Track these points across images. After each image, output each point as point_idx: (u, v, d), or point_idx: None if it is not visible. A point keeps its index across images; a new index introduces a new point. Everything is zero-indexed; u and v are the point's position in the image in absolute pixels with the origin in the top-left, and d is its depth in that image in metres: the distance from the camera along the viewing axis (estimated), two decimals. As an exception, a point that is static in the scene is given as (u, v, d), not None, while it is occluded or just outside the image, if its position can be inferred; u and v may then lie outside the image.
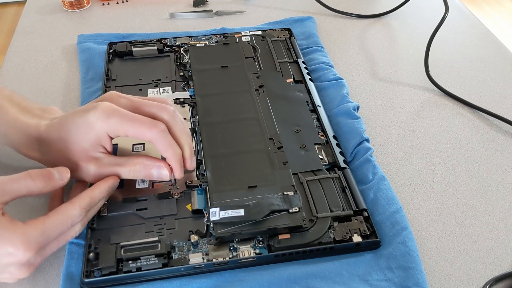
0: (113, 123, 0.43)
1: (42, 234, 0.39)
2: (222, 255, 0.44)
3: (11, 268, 0.39)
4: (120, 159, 0.46)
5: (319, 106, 0.59)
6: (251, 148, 0.53)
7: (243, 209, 0.46)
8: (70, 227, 0.41)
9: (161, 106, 0.46)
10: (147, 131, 0.44)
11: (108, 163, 0.46)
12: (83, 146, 0.44)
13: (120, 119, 0.43)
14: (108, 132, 0.44)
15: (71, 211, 0.41)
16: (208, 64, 0.65)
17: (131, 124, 0.44)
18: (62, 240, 0.42)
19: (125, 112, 0.44)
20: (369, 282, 0.43)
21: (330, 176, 0.51)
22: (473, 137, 0.59)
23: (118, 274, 0.42)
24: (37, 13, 0.80)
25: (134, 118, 0.44)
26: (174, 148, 0.45)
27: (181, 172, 0.46)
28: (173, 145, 0.45)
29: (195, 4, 0.82)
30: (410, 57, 0.72)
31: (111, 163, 0.46)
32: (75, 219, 0.41)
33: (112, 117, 0.43)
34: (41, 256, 0.40)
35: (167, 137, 0.45)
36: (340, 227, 0.46)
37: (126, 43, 0.68)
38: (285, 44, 0.70)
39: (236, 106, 0.58)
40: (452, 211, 0.50)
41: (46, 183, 0.41)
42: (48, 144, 0.46)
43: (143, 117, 0.44)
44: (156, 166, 0.46)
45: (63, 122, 0.45)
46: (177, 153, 0.45)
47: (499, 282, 0.44)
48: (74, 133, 0.44)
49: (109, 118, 0.43)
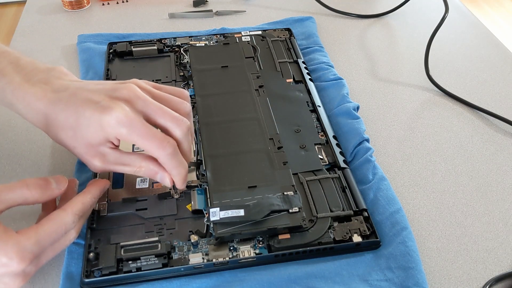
0: (125, 133, 0.42)
1: (36, 244, 0.38)
2: (222, 255, 0.44)
3: (5, 278, 0.38)
4: (126, 158, 0.45)
5: (319, 106, 0.59)
6: (251, 148, 0.53)
7: (243, 209, 0.46)
8: (63, 234, 0.41)
9: (177, 120, 0.44)
10: (156, 150, 0.43)
11: (113, 161, 0.45)
12: (90, 142, 0.44)
13: (132, 132, 0.42)
14: (118, 137, 0.43)
15: (64, 218, 0.40)
16: (208, 64, 0.65)
17: (142, 139, 0.42)
18: (57, 249, 0.41)
19: (138, 125, 0.42)
20: (369, 282, 0.43)
21: (330, 176, 0.51)
22: (473, 137, 0.59)
23: (118, 274, 0.42)
24: (37, 13, 0.80)
25: (146, 134, 0.42)
26: (179, 170, 0.45)
27: (183, 186, 0.46)
28: (179, 166, 0.44)
29: (195, 4, 0.82)
30: (410, 57, 0.72)
31: (116, 162, 0.45)
32: (68, 226, 0.41)
33: (125, 128, 0.42)
34: (36, 265, 0.40)
35: (175, 159, 0.44)
36: (340, 227, 0.46)
37: (126, 43, 0.68)
38: (285, 44, 0.70)
39: (236, 106, 0.58)
40: (452, 211, 0.50)
41: (43, 192, 0.41)
42: (53, 122, 0.44)
43: (155, 134, 0.43)
44: (161, 174, 0.45)
45: (73, 107, 0.43)
46: (182, 173, 0.45)
47: (499, 282, 0.44)
48: (84, 127, 0.43)
49: (122, 128, 0.42)
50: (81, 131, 0.43)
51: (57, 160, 0.54)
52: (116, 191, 0.49)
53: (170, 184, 0.46)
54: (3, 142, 0.57)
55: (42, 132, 0.57)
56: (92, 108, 0.43)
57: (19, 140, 0.57)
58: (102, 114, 0.42)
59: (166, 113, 0.44)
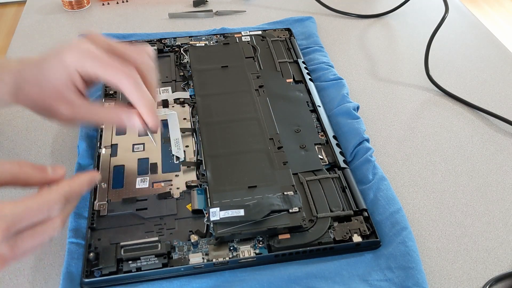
0: (87, 65, 0.42)
1: (14, 214, 0.35)
2: (222, 255, 0.44)
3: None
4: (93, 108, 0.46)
5: (319, 106, 0.59)
6: (251, 148, 0.53)
7: (243, 209, 0.46)
8: (46, 216, 0.37)
9: (138, 50, 0.45)
10: (120, 79, 0.43)
11: (81, 107, 0.45)
12: (55, 85, 0.43)
13: (94, 62, 0.42)
14: (80, 72, 0.43)
15: (48, 196, 0.37)
16: (208, 64, 0.65)
17: (105, 69, 0.42)
18: (37, 235, 0.37)
19: (100, 55, 0.43)
20: (369, 282, 0.43)
21: (330, 176, 0.51)
22: (473, 137, 0.59)
23: (118, 274, 0.42)
24: (37, 13, 0.80)
25: (109, 63, 0.43)
26: (145, 100, 0.44)
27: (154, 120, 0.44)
28: (144, 96, 0.44)
29: (195, 4, 0.82)
30: (410, 57, 0.72)
31: (84, 109, 0.45)
32: (52, 206, 0.37)
33: (87, 58, 0.42)
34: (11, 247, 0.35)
35: (140, 89, 0.43)
36: (340, 227, 0.46)
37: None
38: (285, 44, 0.70)
39: (236, 106, 0.58)
40: (452, 211, 0.50)
41: (34, 171, 0.39)
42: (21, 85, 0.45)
43: (118, 64, 0.43)
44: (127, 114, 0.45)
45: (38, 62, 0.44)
46: (149, 102, 0.44)
47: (499, 282, 0.44)
48: (47, 71, 0.43)
49: (84, 59, 0.42)
50: (45, 77, 0.43)
51: (57, 160, 0.54)
52: (116, 191, 0.49)
53: (140, 121, 0.44)
54: (3, 142, 0.57)
55: (42, 132, 0.57)
56: (54, 53, 0.43)
57: (19, 140, 0.57)
58: (64, 52, 0.43)
59: (127, 46, 0.45)
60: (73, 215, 0.47)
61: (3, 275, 0.44)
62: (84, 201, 0.48)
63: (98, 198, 0.48)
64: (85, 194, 0.49)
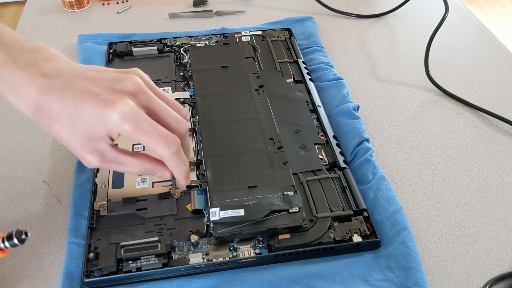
0: (129, 130, 0.39)
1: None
2: (222, 255, 0.44)
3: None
4: (124, 158, 0.43)
5: (319, 106, 0.59)
6: (251, 148, 0.53)
7: (243, 209, 0.46)
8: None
9: (178, 120, 0.43)
10: (161, 149, 0.41)
11: (111, 159, 0.43)
12: (90, 136, 0.40)
13: (137, 129, 0.40)
14: (121, 134, 0.41)
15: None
16: (208, 64, 0.65)
17: (147, 137, 0.41)
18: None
19: (143, 122, 0.40)
20: (369, 282, 0.43)
21: (330, 176, 0.51)
22: (473, 137, 0.59)
23: (118, 274, 0.42)
24: (37, 13, 0.80)
25: (152, 131, 0.41)
26: (182, 167, 0.43)
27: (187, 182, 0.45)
28: (181, 164, 0.43)
29: (195, 4, 0.82)
30: (410, 57, 0.72)
31: (114, 161, 0.43)
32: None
33: (130, 124, 0.40)
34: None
35: (179, 157, 0.43)
36: (340, 227, 0.46)
37: (126, 43, 0.68)
38: (285, 44, 0.70)
39: (236, 106, 0.58)
40: (452, 211, 0.50)
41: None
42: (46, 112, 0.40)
43: (159, 132, 0.41)
44: (161, 173, 0.44)
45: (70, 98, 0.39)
46: (184, 171, 0.44)
47: (499, 282, 0.44)
48: (83, 120, 0.39)
49: (127, 124, 0.39)
50: (80, 124, 0.40)
51: (57, 160, 0.54)
52: (116, 191, 0.49)
53: (170, 177, 0.45)
54: (3, 142, 0.57)
55: (42, 132, 0.57)
56: (93, 101, 0.39)
57: (19, 140, 0.57)
58: (105, 109, 0.39)
59: (170, 111, 0.43)
60: (73, 215, 0.47)
61: (3, 275, 0.44)
62: (84, 201, 0.49)
63: (98, 198, 0.48)
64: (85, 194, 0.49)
